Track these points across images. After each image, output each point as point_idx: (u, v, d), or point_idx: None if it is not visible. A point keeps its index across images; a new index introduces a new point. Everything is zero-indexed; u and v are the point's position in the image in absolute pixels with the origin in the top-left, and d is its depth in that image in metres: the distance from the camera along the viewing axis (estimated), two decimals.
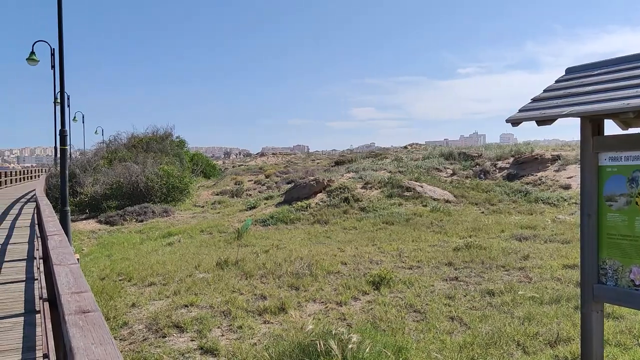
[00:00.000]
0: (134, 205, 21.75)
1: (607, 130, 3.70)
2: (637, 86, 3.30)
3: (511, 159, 22.25)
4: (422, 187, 18.33)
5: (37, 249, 8.28)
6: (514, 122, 3.86)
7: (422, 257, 10.12)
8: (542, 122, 3.72)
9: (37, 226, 9.71)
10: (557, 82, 4.12)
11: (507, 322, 6.47)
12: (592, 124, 3.62)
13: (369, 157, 32.05)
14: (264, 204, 20.01)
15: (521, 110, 3.91)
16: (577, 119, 3.65)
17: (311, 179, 19.79)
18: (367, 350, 5.28)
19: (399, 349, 5.62)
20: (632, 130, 3.74)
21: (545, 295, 7.41)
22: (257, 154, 76.64)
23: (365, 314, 7.13)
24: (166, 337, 6.58)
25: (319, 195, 18.44)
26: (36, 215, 10.67)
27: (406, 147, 41.25)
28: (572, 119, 3.61)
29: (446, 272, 9.01)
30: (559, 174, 19.28)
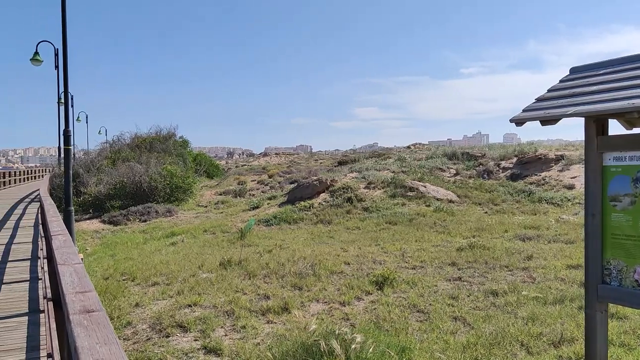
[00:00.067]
0: (138, 205, 21.79)
1: (612, 130, 3.69)
2: None
3: (514, 159, 22.19)
4: (425, 187, 18.31)
5: (41, 249, 8.30)
6: (518, 122, 3.85)
7: (425, 257, 10.11)
8: (546, 122, 3.71)
9: (41, 226, 9.74)
10: (561, 82, 4.11)
11: (510, 322, 6.46)
12: (596, 124, 3.61)
13: (372, 157, 32.02)
14: (267, 204, 20.02)
15: (525, 110, 3.91)
16: (581, 118, 3.63)
17: (314, 179, 19.79)
18: (370, 350, 5.28)
19: (402, 349, 5.62)
20: (636, 130, 3.73)
21: (549, 295, 7.39)
22: (260, 154, 76.68)
23: (368, 314, 7.13)
24: (170, 337, 6.59)
25: (322, 195, 18.44)
26: (40, 215, 10.70)
27: (409, 147, 41.21)
28: (575, 119, 3.60)
29: (449, 272, 9.00)
30: (563, 174, 19.22)
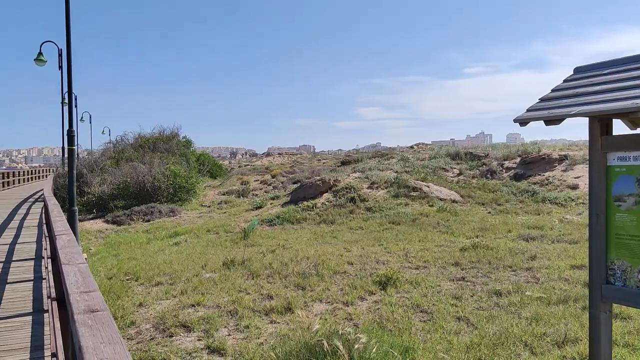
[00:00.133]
0: (141, 205, 21.84)
1: (616, 130, 3.68)
2: None
3: (518, 159, 22.15)
4: (428, 187, 18.29)
5: (45, 249, 8.33)
6: (522, 122, 3.84)
7: (428, 257, 10.10)
8: (550, 121, 3.70)
9: (45, 226, 9.77)
10: (565, 81, 4.10)
11: (514, 322, 6.45)
12: (600, 124, 3.60)
13: (375, 157, 31.98)
14: (270, 204, 20.03)
15: (529, 110, 3.90)
16: (585, 118, 3.62)
17: (317, 178, 19.79)
18: (373, 350, 5.28)
19: (405, 349, 5.61)
20: None
21: (552, 295, 7.37)
22: (263, 154, 76.67)
23: (371, 314, 7.13)
24: (173, 337, 6.60)
25: (325, 195, 18.43)
26: (44, 215, 10.73)
27: (412, 147, 41.16)
28: (579, 119, 3.59)
29: (453, 273, 8.99)
30: (567, 173, 19.17)
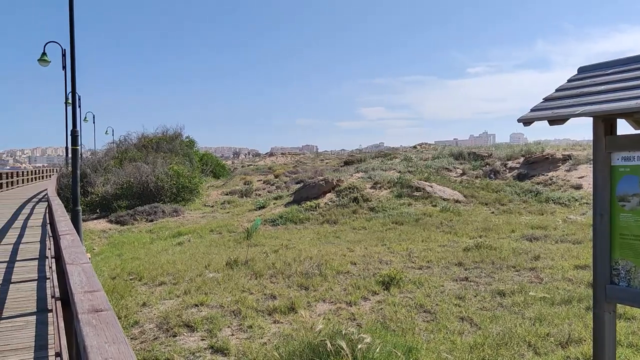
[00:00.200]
0: (144, 205, 21.88)
1: (620, 129, 3.67)
2: None
3: (521, 159, 22.10)
4: (431, 187, 18.27)
5: (49, 248, 8.35)
6: (526, 121, 3.83)
7: (432, 257, 10.09)
8: (554, 121, 3.70)
9: (48, 225, 9.79)
10: (569, 81, 4.09)
11: (518, 322, 6.43)
12: (604, 124, 3.59)
13: (378, 157, 31.97)
14: (273, 204, 20.04)
15: (533, 109, 3.89)
16: (589, 118, 3.61)
17: (320, 178, 19.79)
18: (377, 350, 5.27)
19: (409, 349, 5.61)
20: None
21: (556, 295, 7.36)
22: (266, 154, 76.74)
23: (375, 314, 7.12)
24: (177, 337, 6.61)
25: (328, 195, 18.43)
26: (48, 214, 10.77)
27: (415, 147, 41.14)
28: (583, 118, 3.58)
29: (456, 273, 8.98)
30: (570, 173, 19.13)
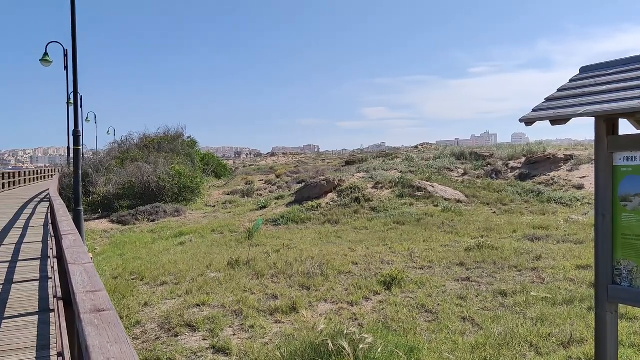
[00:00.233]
0: (146, 205, 21.89)
1: (622, 129, 3.66)
2: None
3: (523, 159, 22.08)
4: (433, 187, 18.26)
5: (51, 248, 8.37)
6: (528, 121, 3.83)
7: (433, 257, 10.09)
8: (556, 121, 3.69)
9: (50, 225, 9.81)
10: (571, 81, 4.08)
11: (519, 322, 6.43)
12: (606, 124, 3.58)
13: (379, 157, 31.95)
14: (275, 204, 20.05)
15: (535, 109, 3.88)
16: (591, 118, 3.61)
17: (322, 178, 19.79)
18: (378, 350, 5.28)
19: (410, 349, 5.61)
20: None
21: (558, 296, 7.35)
22: (267, 154, 76.72)
23: (376, 314, 7.12)
24: (178, 336, 6.62)
25: (330, 195, 18.44)
26: (50, 214, 10.79)
27: (417, 147, 41.12)
28: (585, 118, 3.57)
29: (458, 273, 8.97)
30: (572, 173, 19.11)
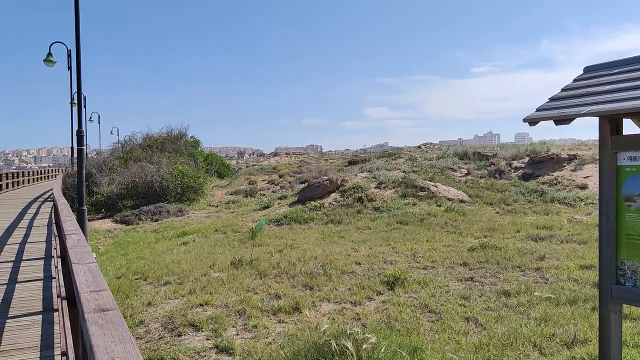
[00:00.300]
0: (149, 204, 21.92)
1: (626, 129, 3.65)
2: None
3: (526, 159, 22.02)
4: (436, 186, 18.24)
5: (55, 248, 8.38)
6: (532, 121, 3.82)
7: (436, 257, 10.08)
8: (560, 121, 3.68)
9: (54, 225, 9.83)
10: (575, 81, 4.07)
11: (523, 323, 6.41)
12: (610, 123, 3.57)
13: (382, 157, 31.91)
14: (278, 204, 20.06)
15: (539, 109, 3.88)
16: (595, 118, 3.60)
17: (325, 178, 19.79)
18: (382, 350, 5.27)
19: (414, 349, 5.60)
20: None
21: (561, 296, 7.33)
22: (270, 154, 76.65)
23: (379, 314, 7.12)
24: (182, 336, 6.63)
25: (333, 195, 18.43)
26: (54, 214, 10.81)
27: (420, 147, 41.04)
28: (588, 118, 3.57)
29: (461, 273, 8.96)
30: (576, 173, 19.06)
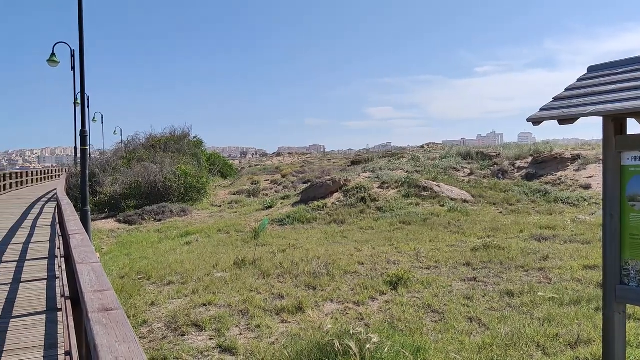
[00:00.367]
0: (152, 204, 21.95)
1: (630, 129, 3.64)
2: None
3: (530, 159, 21.97)
4: (439, 186, 18.22)
5: (59, 248, 8.41)
6: (535, 121, 3.82)
7: (439, 257, 10.07)
8: (564, 121, 3.68)
9: (58, 225, 9.86)
10: (579, 80, 4.07)
11: (526, 323, 6.40)
12: (614, 123, 3.56)
13: (385, 157, 31.89)
14: (281, 204, 20.07)
15: (542, 109, 3.87)
16: (598, 117, 3.59)
17: (327, 178, 19.79)
18: (385, 350, 5.27)
19: (417, 349, 5.60)
20: None
21: (565, 296, 7.31)
22: (273, 154, 76.72)
23: (382, 314, 7.12)
24: (185, 336, 6.64)
25: (336, 195, 18.43)
26: (57, 214, 10.84)
27: (423, 147, 40.99)
28: (593, 118, 3.56)
29: (464, 273, 8.95)
30: (579, 173, 19.01)
